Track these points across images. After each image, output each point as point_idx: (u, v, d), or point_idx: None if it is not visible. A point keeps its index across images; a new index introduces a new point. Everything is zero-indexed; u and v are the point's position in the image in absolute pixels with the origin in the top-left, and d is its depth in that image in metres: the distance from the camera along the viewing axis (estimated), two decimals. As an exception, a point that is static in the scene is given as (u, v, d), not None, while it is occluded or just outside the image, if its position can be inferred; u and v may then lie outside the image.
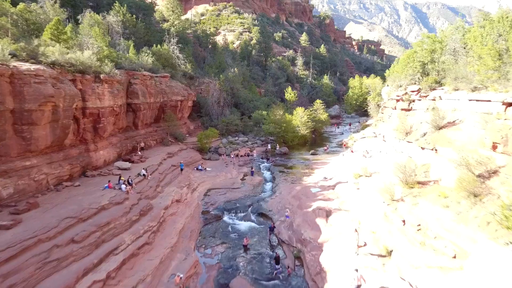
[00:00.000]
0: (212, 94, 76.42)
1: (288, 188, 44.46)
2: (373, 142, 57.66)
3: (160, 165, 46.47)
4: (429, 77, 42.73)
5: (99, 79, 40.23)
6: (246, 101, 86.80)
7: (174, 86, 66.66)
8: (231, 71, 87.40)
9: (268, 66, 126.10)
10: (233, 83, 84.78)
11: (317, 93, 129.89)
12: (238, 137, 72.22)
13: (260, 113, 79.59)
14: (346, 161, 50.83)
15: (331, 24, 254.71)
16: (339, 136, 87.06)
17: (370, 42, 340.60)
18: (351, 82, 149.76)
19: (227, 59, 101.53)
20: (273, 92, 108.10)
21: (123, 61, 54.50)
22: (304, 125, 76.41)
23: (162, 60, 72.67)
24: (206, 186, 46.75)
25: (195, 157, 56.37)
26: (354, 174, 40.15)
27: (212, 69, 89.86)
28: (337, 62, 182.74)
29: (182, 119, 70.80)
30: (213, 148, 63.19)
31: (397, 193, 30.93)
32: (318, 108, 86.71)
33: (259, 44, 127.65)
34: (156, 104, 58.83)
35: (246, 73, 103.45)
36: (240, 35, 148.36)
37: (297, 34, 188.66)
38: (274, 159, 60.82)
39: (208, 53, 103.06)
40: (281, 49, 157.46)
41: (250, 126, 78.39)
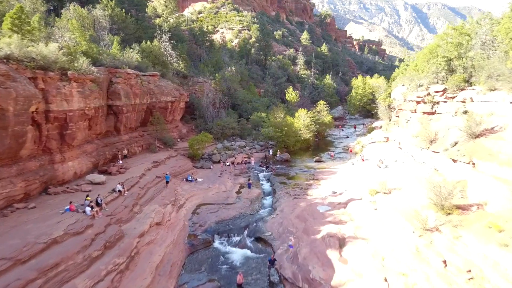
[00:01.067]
0: (207, 94, 69.79)
1: (291, 204, 37.81)
2: (386, 149, 51.05)
3: (142, 177, 39.84)
4: (457, 75, 36.11)
5: (66, 77, 33.60)
6: (244, 102, 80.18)
7: (164, 85, 60.06)
8: (228, 69, 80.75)
9: (268, 65, 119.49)
10: (230, 82, 78.15)
11: (319, 93, 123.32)
12: (235, 142, 65.58)
13: (259, 115, 72.95)
14: (357, 171, 44.17)
15: (332, 23, 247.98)
16: (344, 140, 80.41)
17: (371, 42, 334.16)
18: (354, 82, 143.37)
19: (224, 57, 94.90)
20: (273, 93, 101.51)
21: (104, 57, 47.94)
22: (306, 128, 69.81)
23: (151, 57, 66.07)
24: (196, 201, 40.09)
25: (185, 166, 49.68)
26: (370, 190, 33.49)
27: (208, 67, 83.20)
28: (339, 62, 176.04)
29: (173, 122, 64.18)
30: (206, 155, 56.53)
31: (431, 220, 24.32)
32: (322, 109, 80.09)
33: (259, 42, 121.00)
34: (142, 105, 52.23)
35: (244, 72, 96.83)
36: (239, 33, 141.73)
37: (297, 33, 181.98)
38: (274, 167, 54.23)
39: (204, 51, 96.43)
40: (282, 48, 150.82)
41: (248, 130, 71.75)
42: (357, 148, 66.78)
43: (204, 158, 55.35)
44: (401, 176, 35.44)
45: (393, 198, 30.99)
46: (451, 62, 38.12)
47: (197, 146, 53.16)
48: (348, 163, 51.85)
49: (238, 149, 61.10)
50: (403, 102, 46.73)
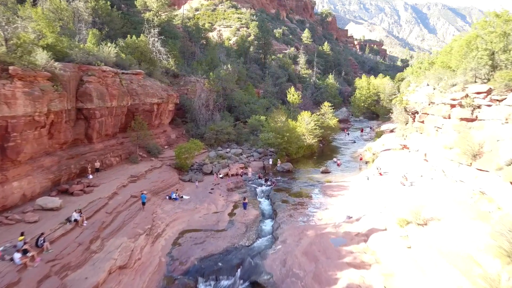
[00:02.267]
0: (199, 95, 62.10)
1: (296, 232, 30.11)
2: (405, 159, 43.40)
3: (112, 197, 32.22)
4: (505, 71, 28.45)
5: (7, 74, 25.94)
6: (241, 103, 72.48)
7: (149, 85, 52.45)
8: (223, 68, 73.06)
9: (268, 64, 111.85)
10: (226, 82, 70.44)
11: (322, 94, 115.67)
12: (230, 149, 57.84)
13: (257, 119, 65.30)
14: (374, 188, 36.43)
15: (333, 22, 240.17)
16: (351, 145, 72.73)
17: (372, 41, 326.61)
18: (357, 82, 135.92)
19: (220, 55, 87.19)
20: (273, 93, 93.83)
21: (75, 52, 40.34)
22: (310, 133, 62.16)
23: (137, 54, 58.49)
24: (179, 226, 32.40)
25: (170, 180, 41.92)
26: (398, 220, 25.76)
27: (202, 66, 75.54)
28: (341, 61, 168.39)
29: (161, 127, 56.52)
30: (196, 165, 48.78)
31: (504, 279, 16.70)
32: (326, 111, 72.42)
33: (258, 40, 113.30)
34: (121, 108, 44.57)
35: (242, 71, 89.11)
36: (237, 31, 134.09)
37: (298, 31, 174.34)
38: (275, 179, 46.59)
39: (198, 48, 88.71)
40: (282, 46, 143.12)
41: (246, 135, 64.03)
42: (368, 155, 59.09)
43: (193, 169, 47.63)
44: (435, 199, 27.78)
45: (432, 233, 23.29)
46: (494, 56, 30.44)
47: (185, 155, 45.45)
48: (361, 176, 44.15)
49: (233, 157, 53.37)
50: (430, 105, 39.05)
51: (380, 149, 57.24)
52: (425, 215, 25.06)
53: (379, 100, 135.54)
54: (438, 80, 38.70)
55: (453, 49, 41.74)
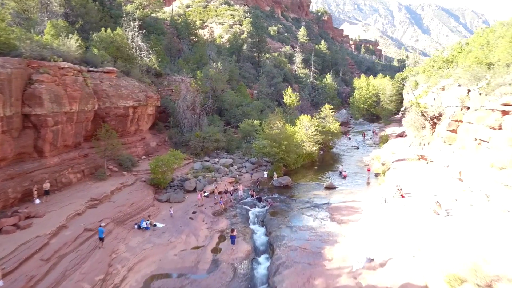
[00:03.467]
0: (184, 96, 54.08)
1: (300, 282, 22.34)
2: (427, 175, 35.78)
3: (56, 235, 24.24)
4: None
5: None
6: (233, 106, 64.50)
7: (124, 86, 44.49)
8: (213, 66, 65.16)
9: (262, 63, 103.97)
10: (215, 82, 62.54)
11: (320, 95, 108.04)
12: (219, 158, 49.91)
13: (250, 123, 57.50)
14: (395, 215, 28.62)
15: (329, 21, 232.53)
16: (354, 152, 65.08)
17: (368, 41, 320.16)
18: (356, 83, 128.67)
19: (210, 53, 79.15)
20: (267, 94, 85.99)
21: (25, 44, 32.49)
22: (310, 140, 54.54)
23: (111, 49, 50.49)
24: (146, 270, 24.51)
25: (143, 201, 33.87)
26: (450, 277, 18.02)
27: (189, 64, 67.55)
28: (338, 61, 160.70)
29: (138, 133, 48.51)
30: (177, 181, 40.77)
31: None
32: (327, 115, 64.70)
33: (251, 37, 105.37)
34: (86, 113, 36.53)
35: (234, 70, 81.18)
36: (230, 28, 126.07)
37: (294, 29, 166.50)
38: (271, 197, 38.80)
39: (186, 45, 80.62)
40: (277, 44, 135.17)
41: (237, 141, 56.17)
42: (376, 165, 51.52)
43: (173, 186, 39.61)
44: (496, 243, 20.12)
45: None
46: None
47: (162, 170, 37.47)
48: (374, 195, 36.34)
49: (222, 169, 45.41)
50: (464, 111, 31.43)
51: (391, 158, 49.68)
52: (487, 271, 17.37)
53: (379, 101, 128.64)
54: (475, 80, 31.08)
55: (491, 41, 34.10)
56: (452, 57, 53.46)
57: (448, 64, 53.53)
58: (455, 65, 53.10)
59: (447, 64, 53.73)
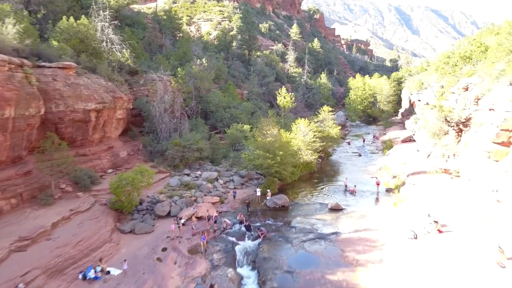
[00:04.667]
0: (161, 97, 45.79)
1: None
2: (465, 197, 28.11)
3: None
4: None
5: None
6: (220, 108, 56.26)
7: (84, 84, 36.11)
8: (197, 63, 56.95)
9: (253, 62, 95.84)
10: (199, 81, 54.36)
11: (314, 95, 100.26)
12: (202, 171, 41.73)
13: (240, 128, 49.51)
14: (438, 266, 20.75)
15: (321, 19, 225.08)
16: (356, 160, 57.44)
17: (359, 41, 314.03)
18: (351, 83, 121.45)
19: (195, 49, 70.75)
20: (258, 95, 77.96)
21: None
22: (309, 147, 46.79)
23: (74, 41, 42.05)
24: None
25: (96, 236, 25.44)
26: None
27: (170, 60, 59.20)
28: (332, 60, 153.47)
29: (104, 142, 40.09)
30: (147, 203, 32.46)
31: None
32: (326, 118, 56.90)
33: (241, 33, 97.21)
34: (26, 119, 28.09)
35: (222, 68, 73.05)
36: (218, 25, 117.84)
37: (285, 27, 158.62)
38: (264, 224, 30.83)
39: (169, 41, 72.18)
40: (268, 42, 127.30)
41: (224, 150, 48.14)
42: (385, 177, 43.93)
43: (141, 210, 31.35)
44: None
45: None
46: None
47: (126, 190, 29.23)
48: (397, 225, 28.52)
49: (204, 186, 37.24)
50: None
51: (403, 169, 42.12)
52: None
53: (376, 102, 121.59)
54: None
55: None
56: (470, 53, 46.05)
57: (466, 61, 46.13)
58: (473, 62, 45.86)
59: (464, 60, 46.31)
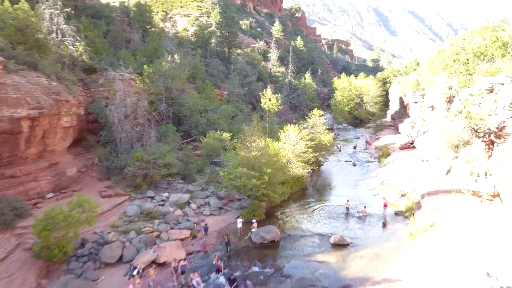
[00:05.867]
0: (121, 100, 37.14)
1: None
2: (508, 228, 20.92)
3: None
4: None
5: None
6: (195, 112, 47.85)
7: (12, 85, 27.38)
8: (168, 59, 48.43)
9: (233, 60, 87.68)
10: (170, 80, 45.85)
11: (299, 96, 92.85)
12: (170, 192, 33.33)
13: (218, 136, 41.28)
14: None
15: (303, 18, 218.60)
16: (350, 170, 50.22)
17: (340, 41, 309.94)
18: (336, 83, 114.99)
19: (167, 44, 61.96)
20: (240, 96, 69.87)
21: None
22: (300, 159, 39.16)
23: (9, 30, 33.15)
24: None
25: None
26: None
27: (137, 56, 50.53)
28: (315, 59, 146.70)
29: (46, 158, 31.26)
30: (91, 243, 23.87)
31: None
32: (317, 123, 49.35)
33: (221, 28, 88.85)
34: None
35: (199, 66, 64.64)
36: (196, 21, 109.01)
37: (267, 25, 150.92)
38: (248, 273, 22.85)
39: (138, 35, 63.29)
40: (249, 40, 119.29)
41: (199, 163, 39.86)
42: (390, 194, 36.65)
43: (82, 256, 22.85)
44: None
45: None
46: None
47: (58, 229, 20.71)
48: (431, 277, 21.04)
49: (171, 214, 28.90)
50: None
51: (412, 186, 35.04)
52: None
53: (362, 103, 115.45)
54: None
55: None
56: (485, 48, 39.30)
57: (480, 58, 39.39)
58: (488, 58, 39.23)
59: (478, 57, 39.55)
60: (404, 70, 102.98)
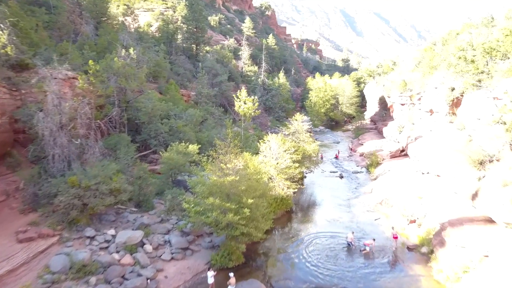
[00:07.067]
0: (55, 105, 28.34)
1: None
2: None
3: None
4: None
5: None
6: (155, 117, 39.36)
7: None
8: (121, 54, 39.70)
9: (201, 57, 79.38)
10: (124, 79, 37.17)
11: (273, 97, 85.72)
12: (118, 227, 25.15)
13: (182, 149, 33.01)
14: None
15: (273, 16, 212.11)
16: (339, 185, 43.47)
17: (310, 41, 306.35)
18: (310, 83, 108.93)
19: (125, 38, 52.92)
20: (209, 97, 61.72)
21: None
22: (284, 176, 31.79)
23: None
24: None
25: None
26: None
27: (84, 51, 41.46)
28: (287, 58, 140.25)
29: None
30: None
31: None
32: (299, 129, 42.08)
33: (188, 22, 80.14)
34: None
35: (162, 63, 56.08)
36: (161, 15, 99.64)
37: (237, 22, 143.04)
38: None
39: (89, 26, 53.85)
40: (219, 36, 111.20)
41: (159, 182, 31.61)
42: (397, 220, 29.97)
43: None
44: None
45: None
46: None
47: None
48: None
49: (116, 263, 20.83)
50: None
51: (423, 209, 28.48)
52: None
53: (337, 104, 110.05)
54: None
55: None
56: (496, 44, 33.37)
57: (492, 54, 33.40)
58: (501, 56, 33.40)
59: (489, 54, 33.55)
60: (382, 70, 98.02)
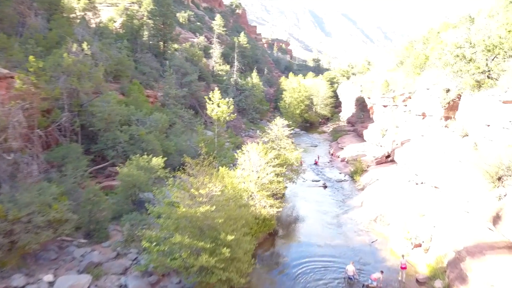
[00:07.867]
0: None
1: None
2: None
3: None
4: None
5: None
6: (113, 124, 33.54)
7: None
8: (72, 50, 33.60)
9: (169, 55, 73.33)
10: (75, 79, 31.16)
11: (246, 98, 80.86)
12: (59, 268, 19.51)
13: (144, 164, 27.43)
14: None
15: (244, 15, 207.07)
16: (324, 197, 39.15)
17: (280, 40, 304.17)
18: (284, 83, 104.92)
19: (81, 32, 46.42)
20: (178, 98, 56.03)
21: None
22: (267, 193, 26.95)
23: None
24: None
25: None
26: None
27: (28, 45, 35.04)
28: (259, 58, 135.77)
29: None
30: None
31: None
32: (280, 135, 37.36)
33: (154, 17, 73.81)
34: None
35: (124, 61, 49.90)
36: (125, 10, 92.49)
37: (207, 19, 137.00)
38: None
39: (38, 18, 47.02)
40: (188, 34, 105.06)
41: (114, 205, 26.00)
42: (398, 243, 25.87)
43: None
44: None
45: None
46: None
47: None
48: None
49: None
50: None
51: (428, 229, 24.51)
52: None
53: (312, 105, 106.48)
54: None
55: None
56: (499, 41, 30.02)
57: (494, 52, 30.03)
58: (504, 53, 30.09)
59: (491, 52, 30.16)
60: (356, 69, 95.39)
